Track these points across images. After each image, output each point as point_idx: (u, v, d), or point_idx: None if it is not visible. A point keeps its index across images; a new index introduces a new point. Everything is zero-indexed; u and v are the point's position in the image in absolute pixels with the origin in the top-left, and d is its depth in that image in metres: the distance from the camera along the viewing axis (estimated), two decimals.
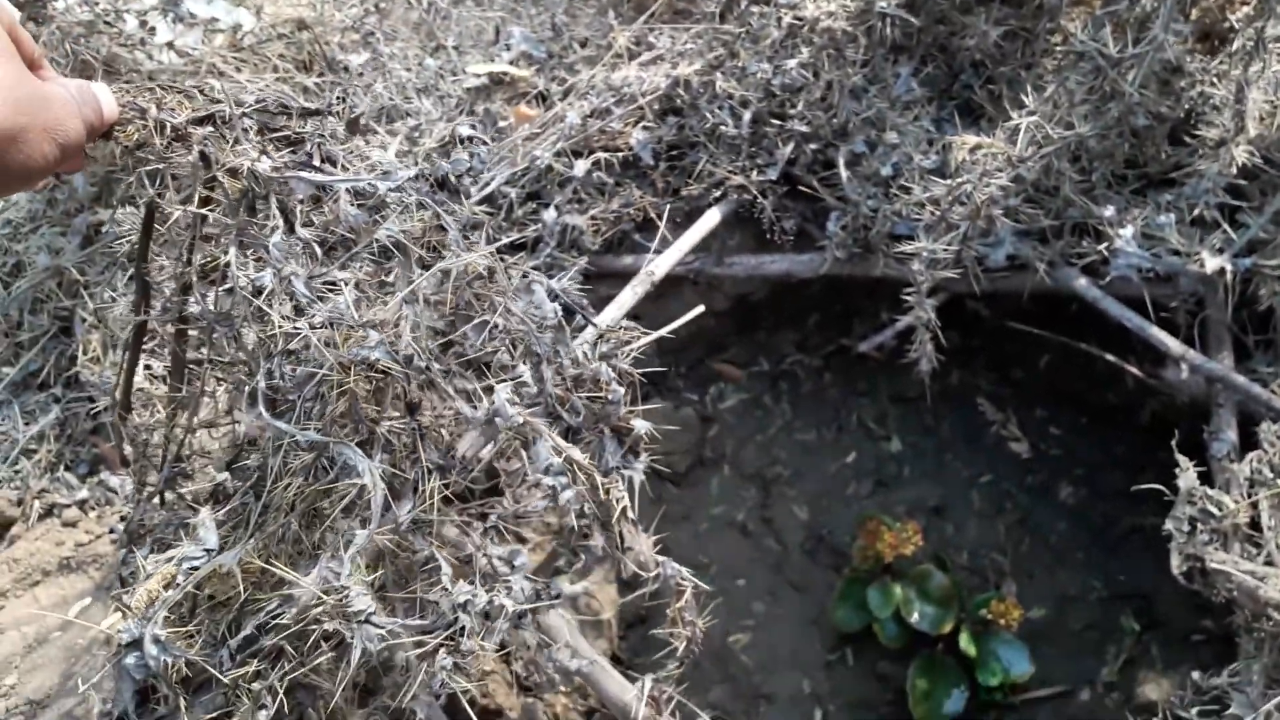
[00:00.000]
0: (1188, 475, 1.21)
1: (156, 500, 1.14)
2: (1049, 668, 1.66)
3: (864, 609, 1.64)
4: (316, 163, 0.91)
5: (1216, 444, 1.44)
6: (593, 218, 1.64)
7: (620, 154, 1.67)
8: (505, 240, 1.55)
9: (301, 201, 0.90)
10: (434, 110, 1.64)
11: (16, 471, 1.72)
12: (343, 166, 0.93)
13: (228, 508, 0.93)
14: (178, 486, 1.12)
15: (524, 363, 0.92)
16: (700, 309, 1.48)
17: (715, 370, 2.00)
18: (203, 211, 0.87)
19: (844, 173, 1.60)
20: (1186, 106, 1.54)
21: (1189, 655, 1.63)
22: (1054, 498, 1.82)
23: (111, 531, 1.65)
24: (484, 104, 1.66)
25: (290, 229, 0.88)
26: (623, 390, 0.94)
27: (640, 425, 0.95)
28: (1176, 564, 1.19)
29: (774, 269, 1.71)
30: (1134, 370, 1.61)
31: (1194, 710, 1.13)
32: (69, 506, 1.67)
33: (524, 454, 0.90)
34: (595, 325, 0.99)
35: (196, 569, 0.86)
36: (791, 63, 1.62)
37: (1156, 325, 1.52)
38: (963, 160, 1.40)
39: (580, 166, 1.62)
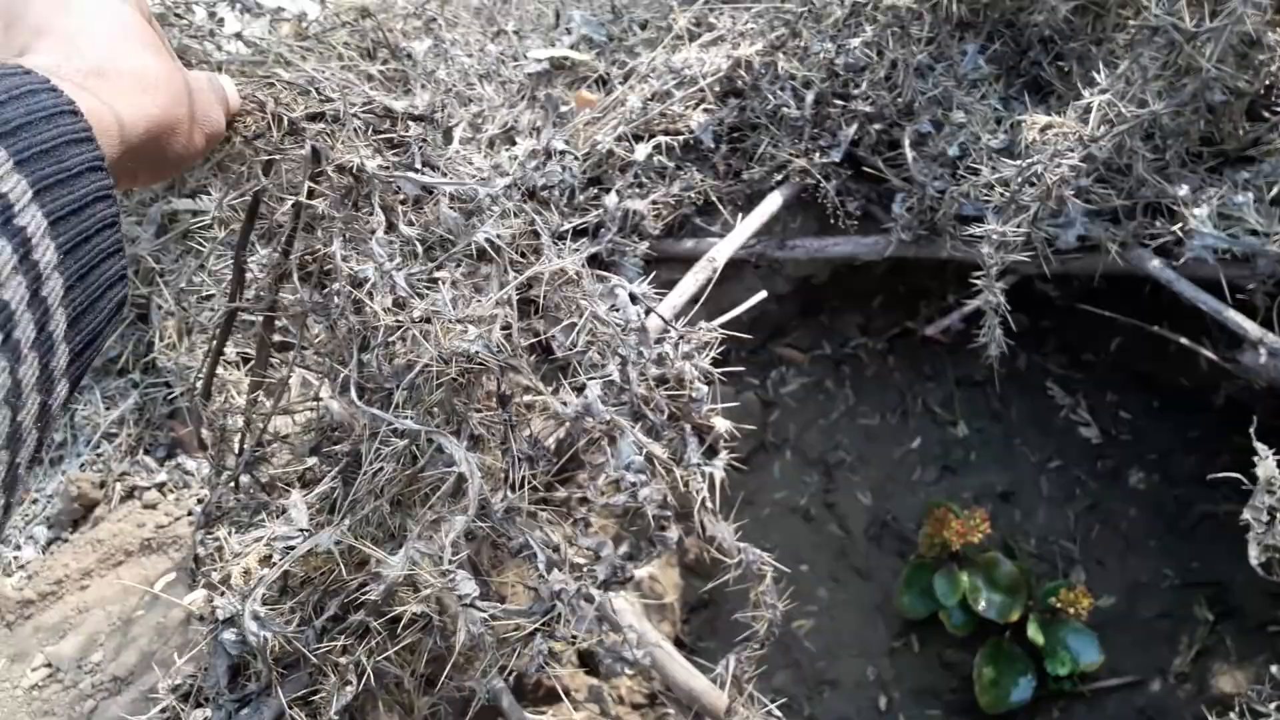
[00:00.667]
0: (1267, 464, 1.18)
1: (233, 484, 1.17)
2: (1119, 657, 1.63)
3: (930, 596, 1.63)
4: (419, 166, 0.94)
5: None
6: (654, 202, 1.63)
7: (681, 137, 1.66)
8: (568, 226, 1.57)
9: (403, 202, 0.92)
10: (496, 96, 1.65)
11: (99, 455, 1.78)
12: (441, 171, 0.95)
13: (317, 491, 0.96)
14: (255, 471, 1.15)
15: (610, 362, 0.94)
16: (762, 294, 1.47)
17: (777, 354, 1.99)
18: (310, 203, 0.89)
19: (909, 153, 1.58)
20: (1266, 81, 1.49)
21: (1265, 646, 1.59)
22: (1125, 483, 1.79)
23: (190, 514, 1.69)
24: (545, 89, 1.66)
25: (392, 226, 0.90)
26: (706, 389, 0.99)
27: (721, 424, 1.00)
28: (1255, 555, 1.16)
29: (837, 251, 1.69)
30: (1209, 354, 1.57)
31: (1273, 705, 1.11)
32: (148, 489, 1.73)
33: (608, 449, 0.92)
34: (675, 329, 1.03)
35: (293, 548, 0.88)
36: (855, 41, 1.60)
37: (1233, 308, 1.48)
38: (1033, 140, 1.37)
39: (641, 151, 1.62)
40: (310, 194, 0.89)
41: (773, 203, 1.63)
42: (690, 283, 1.54)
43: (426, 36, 1.70)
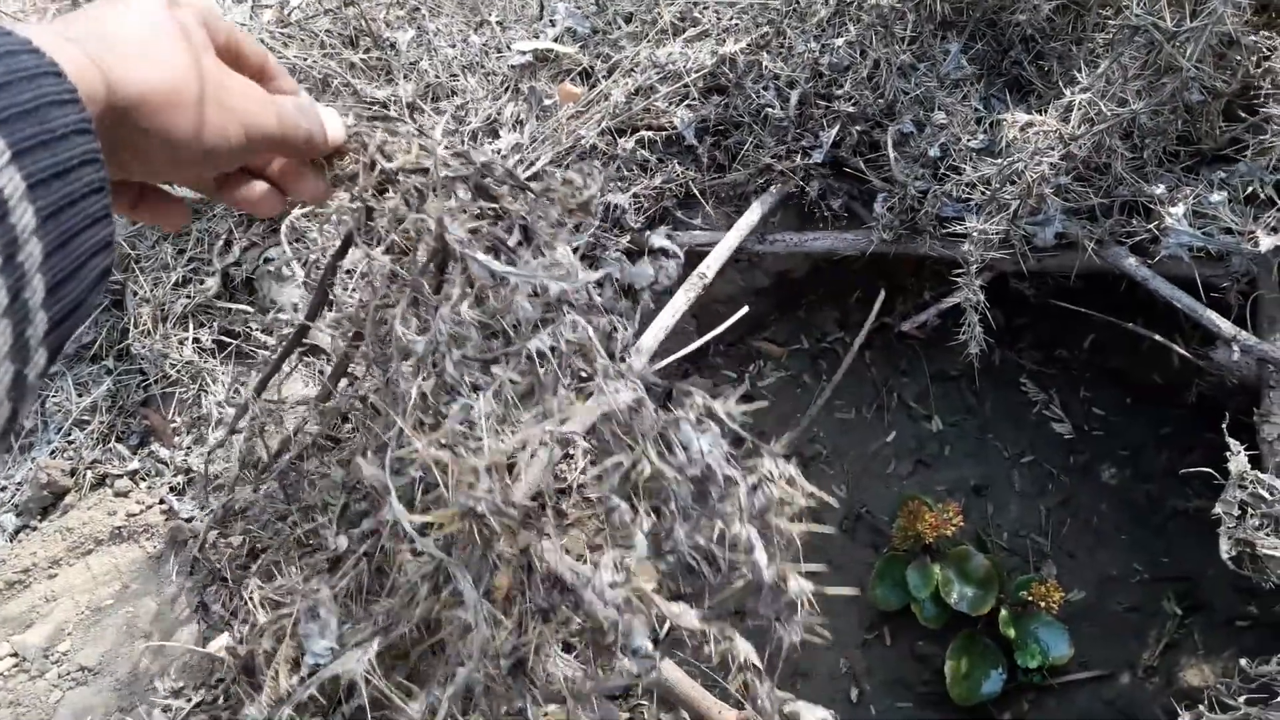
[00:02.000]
0: (1239, 459, 1.20)
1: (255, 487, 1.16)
2: (1089, 650, 1.66)
3: (903, 588, 1.64)
4: (513, 241, 0.91)
5: (1268, 427, 1.42)
6: (635, 195, 1.63)
7: (664, 132, 1.66)
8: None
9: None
10: (479, 88, 1.64)
11: (70, 442, 1.75)
12: (539, 248, 0.92)
13: (342, 584, 0.94)
14: (286, 482, 1.14)
15: (661, 510, 0.86)
16: (744, 311, 1.48)
17: (755, 348, 2.00)
18: (378, 257, 0.88)
19: (891, 153, 1.59)
20: (1244, 81, 1.51)
21: (1232, 640, 1.62)
22: (1096, 478, 1.81)
23: (162, 502, 1.68)
24: (529, 82, 1.66)
25: (465, 294, 0.88)
26: (768, 560, 0.78)
27: (798, 585, 0.78)
28: (1226, 549, 1.18)
29: (817, 246, 1.70)
30: (1182, 350, 1.59)
31: (1241, 699, 1.13)
32: (120, 477, 1.71)
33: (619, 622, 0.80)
34: (741, 474, 0.92)
35: (320, 666, 0.87)
36: (839, 40, 1.61)
37: (1207, 305, 1.50)
38: (1014, 138, 1.38)
39: (624, 145, 1.62)
40: (392, 246, 0.88)
41: (753, 214, 1.64)
42: (682, 300, 1.54)
43: (410, 26, 1.69)
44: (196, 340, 1.80)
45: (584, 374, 0.89)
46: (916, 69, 1.62)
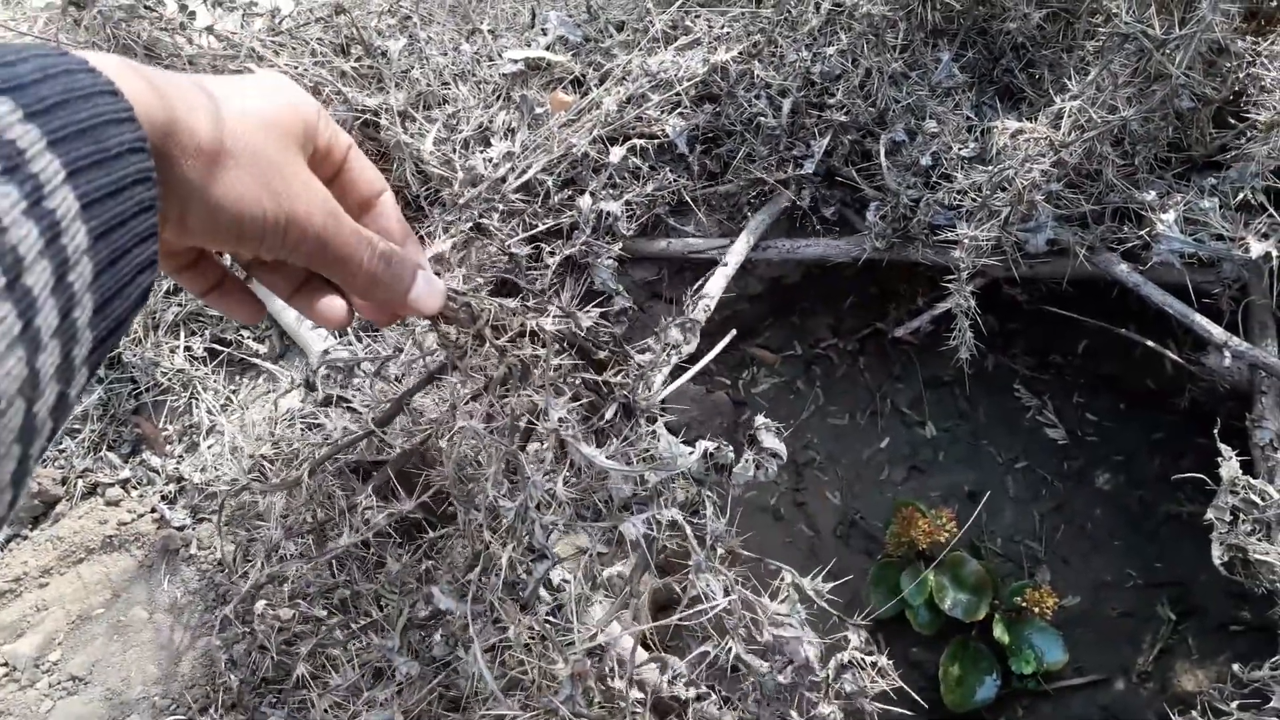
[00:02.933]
0: (1230, 464, 1.20)
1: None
2: (1083, 656, 1.66)
3: (897, 594, 1.64)
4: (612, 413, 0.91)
5: (1259, 432, 1.42)
6: (627, 203, 1.63)
7: (656, 140, 1.66)
8: (542, 227, 1.56)
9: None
10: (471, 97, 1.64)
11: (61, 450, 1.75)
12: (647, 414, 0.94)
13: None
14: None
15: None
16: (732, 334, 1.48)
17: (749, 354, 2.00)
18: (471, 427, 0.89)
19: (884, 162, 1.59)
20: (1234, 88, 1.51)
21: (1226, 645, 1.62)
22: (1090, 484, 1.81)
23: (153, 510, 1.67)
24: (521, 90, 1.66)
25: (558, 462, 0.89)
26: None
27: None
28: (1218, 554, 1.18)
29: (809, 253, 1.70)
30: (1174, 356, 1.59)
31: (1234, 704, 1.13)
32: (112, 485, 1.70)
33: None
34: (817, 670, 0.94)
35: None
36: (830, 49, 1.61)
37: (1199, 311, 1.50)
38: (1004, 145, 1.38)
39: (616, 154, 1.62)
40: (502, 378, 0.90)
41: (743, 242, 1.64)
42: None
43: (401, 34, 1.69)
44: (188, 348, 1.80)
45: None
46: (908, 77, 1.62)
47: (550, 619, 1.01)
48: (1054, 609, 1.56)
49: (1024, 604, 1.57)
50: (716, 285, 1.60)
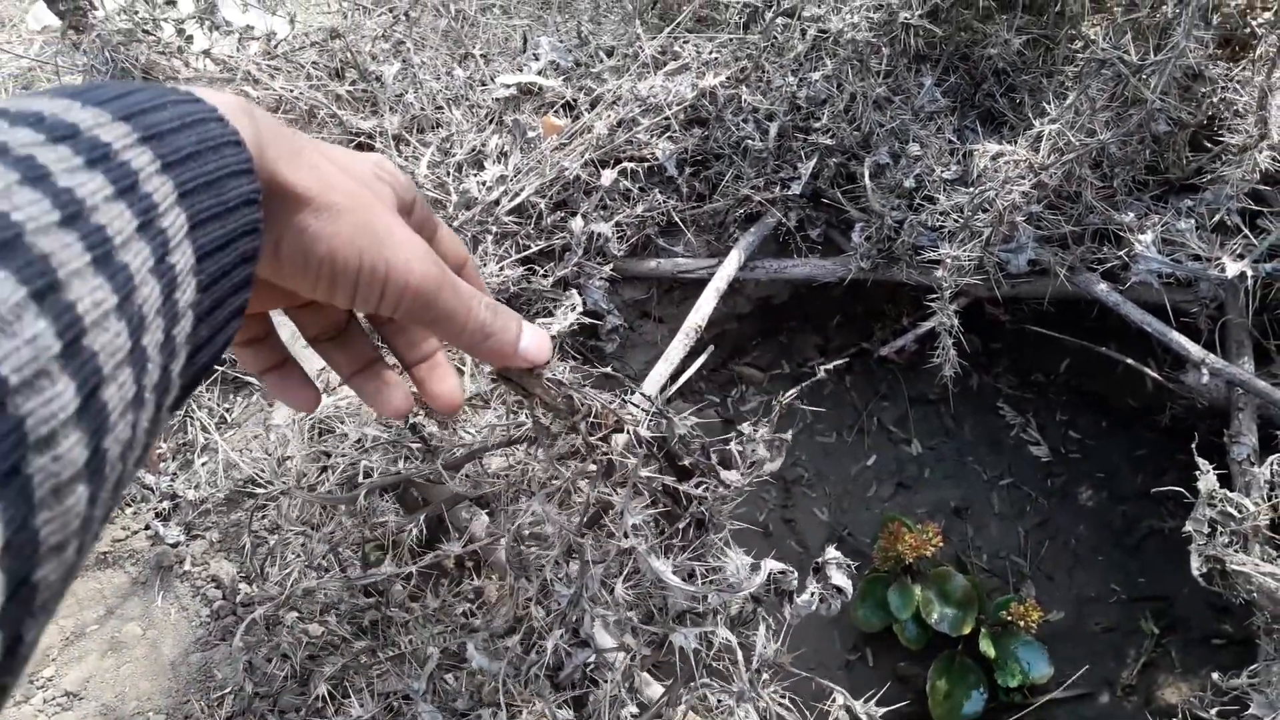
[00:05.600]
0: (1208, 478, 1.23)
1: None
2: (1068, 670, 1.68)
3: (884, 609, 1.66)
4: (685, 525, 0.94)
5: (1237, 448, 1.46)
6: (618, 224, 1.66)
7: (646, 163, 1.70)
8: (535, 248, 1.59)
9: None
10: (464, 121, 1.67)
11: None
12: (719, 528, 0.97)
13: None
14: None
15: None
16: (710, 350, 1.52)
17: (738, 373, 2.03)
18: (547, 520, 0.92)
19: (868, 184, 1.62)
20: (1209, 113, 1.56)
21: (1209, 658, 1.65)
22: (1074, 500, 1.84)
23: (147, 528, 1.69)
24: (513, 114, 1.69)
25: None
26: None
27: None
28: (1196, 566, 1.21)
29: (796, 273, 1.74)
30: (1153, 374, 1.63)
31: (1213, 710, 1.15)
32: None
33: None
34: None
35: None
36: (816, 75, 1.64)
37: (1177, 330, 1.54)
38: (985, 167, 1.42)
39: (607, 177, 1.65)
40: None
41: (732, 264, 1.67)
42: (678, 349, 1.57)
43: (395, 59, 1.73)
44: None
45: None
46: (892, 102, 1.66)
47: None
48: (1039, 622, 1.59)
49: (1009, 618, 1.59)
50: (708, 303, 1.63)
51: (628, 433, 0.91)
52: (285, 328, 0.65)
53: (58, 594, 0.31)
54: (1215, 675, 1.19)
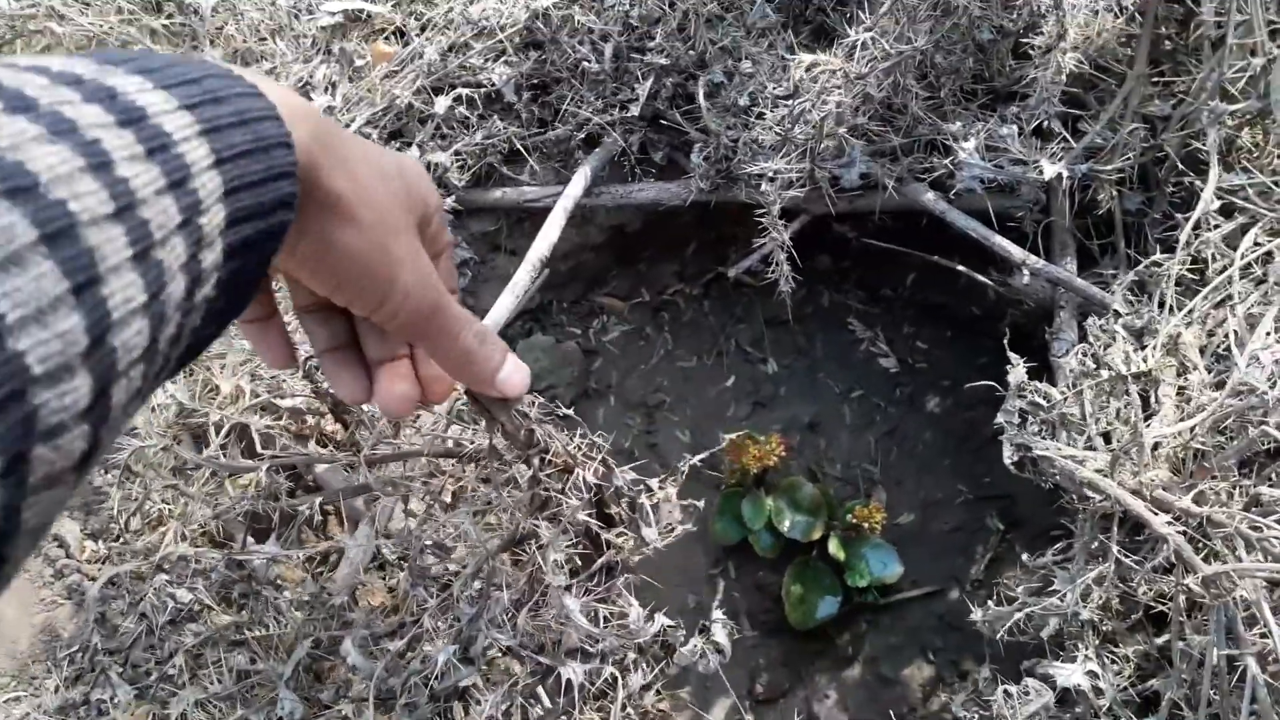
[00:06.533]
0: (1017, 371, 1.28)
1: None
2: (920, 569, 1.75)
3: (740, 522, 1.70)
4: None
5: (1057, 344, 1.52)
6: (457, 153, 1.64)
7: (483, 89, 1.67)
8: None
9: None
10: (289, 52, 1.62)
11: None
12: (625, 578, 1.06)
13: None
14: None
15: None
16: (545, 274, 1.52)
17: (598, 304, 2.03)
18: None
19: (703, 104, 1.63)
20: (1028, 20, 1.59)
21: (1047, 550, 1.72)
22: (921, 408, 1.90)
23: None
24: (340, 43, 1.65)
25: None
26: None
27: None
28: (1008, 455, 1.26)
29: (642, 197, 1.74)
30: (985, 280, 1.68)
31: (1020, 588, 1.21)
32: None
33: None
34: None
35: None
36: None
37: (1003, 235, 1.58)
38: (801, 79, 1.44)
39: (441, 104, 1.62)
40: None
41: (577, 185, 1.66)
42: (524, 280, 1.56)
43: None
44: None
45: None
46: (724, 19, 1.66)
47: None
48: (882, 523, 1.64)
49: (855, 521, 1.64)
50: (554, 229, 1.62)
51: (576, 475, 0.94)
52: None
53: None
54: (1025, 556, 1.25)
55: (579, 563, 1.12)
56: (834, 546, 1.65)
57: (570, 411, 0.90)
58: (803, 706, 1.66)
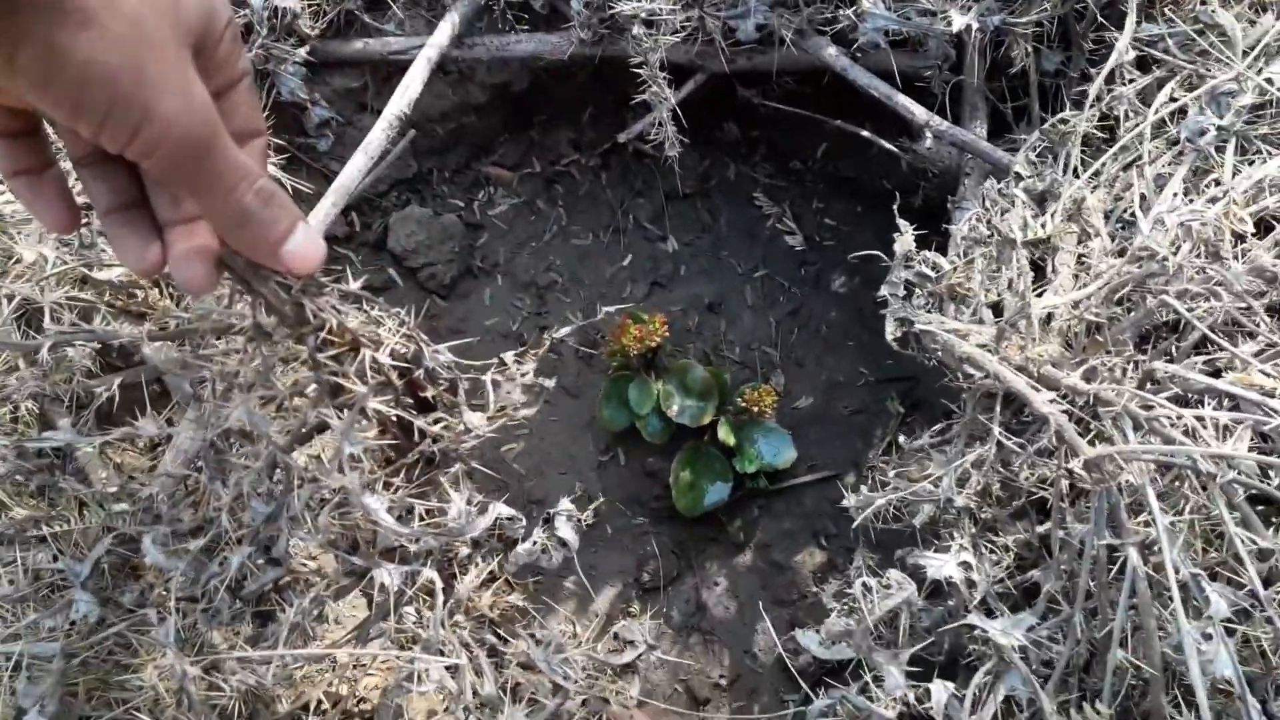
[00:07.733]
0: (904, 239, 1.17)
1: None
2: (819, 454, 1.67)
3: (628, 407, 1.61)
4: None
5: (958, 213, 1.41)
6: None
7: None
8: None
9: None
10: None
11: None
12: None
13: None
14: None
15: None
16: (411, 135, 1.38)
17: (483, 174, 1.88)
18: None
19: None
20: None
21: (947, 432, 1.65)
22: (826, 288, 1.80)
23: None
24: None
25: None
26: None
27: None
28: (890, 330, 1.16)
29: (520, 49, 1.59)
30: (891, 146, 1.56)
31: (892, 472, 1.13)
32: None
33: None
34: None
35: None
36: None
37: (909, 96, 1.46)
38: None
39: None
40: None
41: (444, 32, 1.50)
42: (378, 139, 1.41)
43: None
44: None
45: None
46: None
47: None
48: (774, 407, 1.56)
49: (745, 404, 1.55)
50: (415, 83, 1.47)
51: (365, 356, 0.82)
52: None
53: None
54: (901, 439, 1.17)
55: (394, 456, 1.01)
56: (724, 431, 1.56)
57: (358, 287, 0.77)
58: (691, 594, 1.59)
